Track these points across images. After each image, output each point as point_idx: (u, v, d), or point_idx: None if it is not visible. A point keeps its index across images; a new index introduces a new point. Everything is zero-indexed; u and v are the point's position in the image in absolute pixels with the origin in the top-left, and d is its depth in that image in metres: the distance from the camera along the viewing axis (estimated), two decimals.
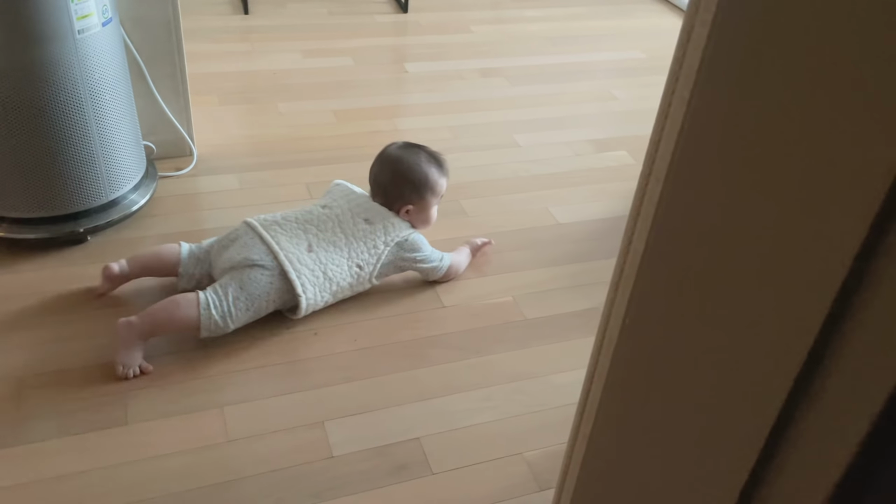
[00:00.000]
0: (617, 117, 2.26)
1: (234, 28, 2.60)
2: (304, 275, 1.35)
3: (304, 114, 2.11)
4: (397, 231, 1.44)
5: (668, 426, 0.54)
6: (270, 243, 1.35)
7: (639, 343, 0.56)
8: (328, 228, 1.41)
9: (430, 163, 1.49)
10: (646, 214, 0.56)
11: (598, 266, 1.64)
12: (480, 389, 1.31)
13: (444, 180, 1.51)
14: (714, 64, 0.43)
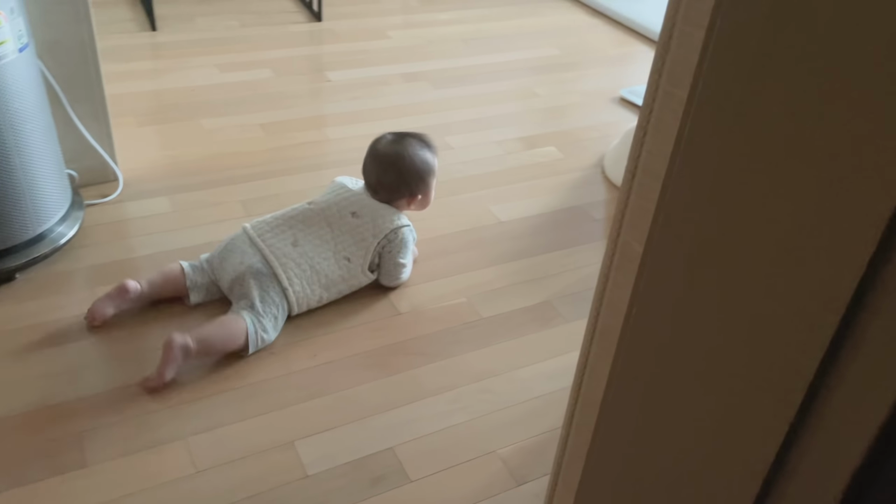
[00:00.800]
0: (541, 114, 2.31)
1: (142, 46, 2.50)
2: (290, 268, 1.38)
3: (229, 129, 2.05)
4: (387, 223, 1.46)
5: (682, 416, 0.56)
6: (259, 244, 1.39)
7: (646, 336, 0.58)
8: (314, 223, 1.44)
9: (423, 148, 1.52)
10: (638, 208, 0.58)
11: (542, 260, 1.67)
12: (447, 392, 1.32)
13: (436, 159, 1.56)
14: (718, 60, 0.45)
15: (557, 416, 1.29)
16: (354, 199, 1.48)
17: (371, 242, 1.45)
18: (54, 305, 1.41)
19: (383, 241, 1.46)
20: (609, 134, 2.21)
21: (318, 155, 1.98)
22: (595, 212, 1.86)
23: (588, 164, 2.06)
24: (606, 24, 3.07)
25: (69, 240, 1.53)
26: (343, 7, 2.99)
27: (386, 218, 1.47)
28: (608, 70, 2.66)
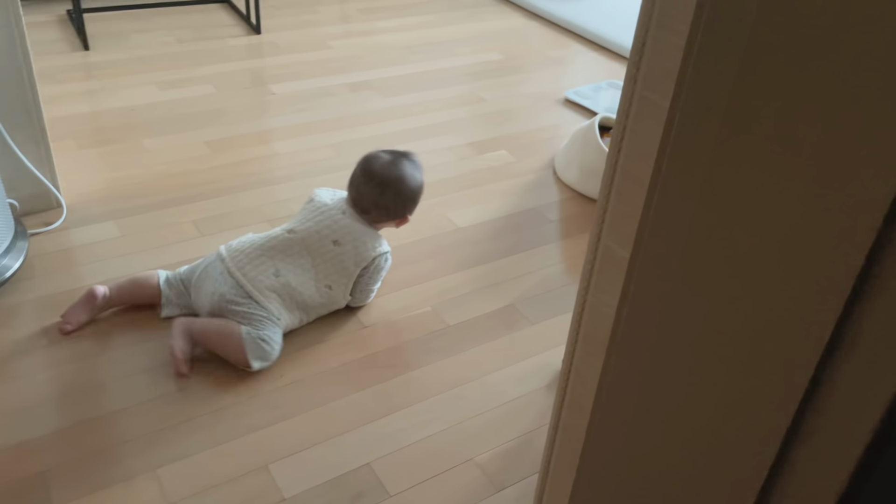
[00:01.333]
0: (489, 118, 2.33)
1: (76, 66, 2.42)
2: (273, 300, 1.36)
3: (174, 148, 2.00)
4: (369, 251, 1.45)
5: (678, 418, 0.57)
6: (239, 277, 1.35)
7: (639, 339, 0.59)
8: (294, 252, 1.41)
9: (417, 169, 1.52)
10: (619, 213, 0.59)
11: (503, 264, 1.68)
12: (420, 403, 1.31)
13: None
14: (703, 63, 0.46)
15: (531, 419, 1.30)
16: (336, 227, 1.43)
17: (353, 270, 1.44)
18: (4, 341, 1.35)
19: (363, 271, 1.45)
20: (557, 135, 2.24)
21: (268, 170, 1.95)
22: (550, 213, 1.88)
23: (539, 166, 2.08)
24: (544, 26, 3.11)
25: (14, 272, 1.47)
26: (281, 18, 2.95)
27: (367, 245, 1.45)
28: (551, 72, 2.70)
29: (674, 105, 0.48)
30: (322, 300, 1.42)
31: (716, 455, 0.56)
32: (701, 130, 0.46)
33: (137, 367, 1.33)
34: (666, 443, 0.61)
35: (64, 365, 1.32)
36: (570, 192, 1.96)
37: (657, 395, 0.59)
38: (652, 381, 0.59)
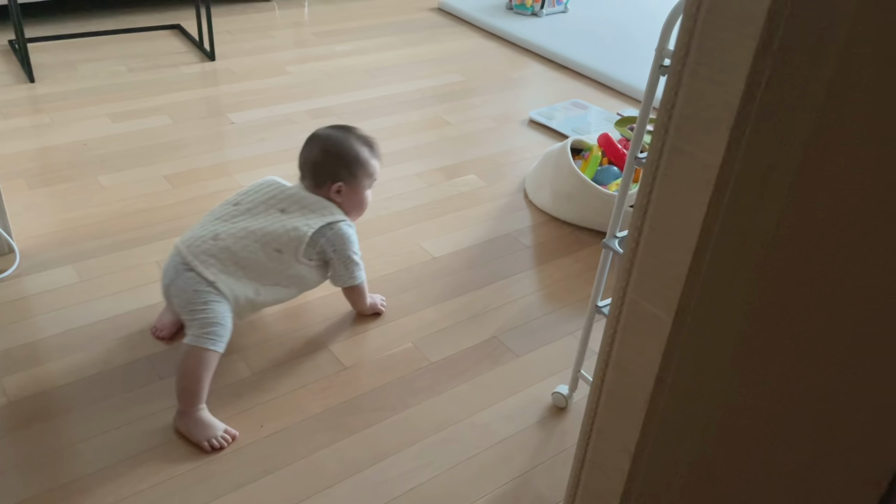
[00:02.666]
0: (455, 142, 2.30)
1: (21, 100, 2.31)
2: (212, 267, 1.30)
3: (131, 184, 1.91)
4: (317, 218, 1.38)
5: None
6: (181, 249, 1.32)
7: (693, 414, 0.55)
8: (238, 220, 1.36)
9: (361, 143, 1.46)
10: (649, 266, 0.55)
11: (482, 294, 1.64)
12: (409, 448, 1.26)
13: (376, 162, 1.48)
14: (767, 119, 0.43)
15: (525, 459, 1.26)
16: (283, 196, 1.40)
17: (303, 231, 1.35)
18: None
19: (317, 235, 1.37)
20: (526, 157, 2.22)
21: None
22: (524, 238, 1.86)
23: (510, 190, 2.06)
24: (503, 46, 3.10)
25: None
26: (235, 44, 2.88)
27: (317, 211, 1.39)
28: (512, 93, 2.68)
29: (727, 164, 0.45)
30: (273, 265, 1.34)
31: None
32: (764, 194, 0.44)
33: (109, 425, 1.24)
34: None
35: (26, 428, 1.23)
36: (544, 216, 1.94)
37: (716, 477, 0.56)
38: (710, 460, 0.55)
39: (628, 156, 1.07)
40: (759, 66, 0.42)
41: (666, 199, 0.54)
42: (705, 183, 0.47)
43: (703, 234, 0.48)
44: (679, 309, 0.52)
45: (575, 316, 1.60)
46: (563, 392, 1.35)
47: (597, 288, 1.21)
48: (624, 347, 0.62)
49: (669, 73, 0.52)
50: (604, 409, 0.67)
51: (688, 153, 0.51)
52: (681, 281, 0.51)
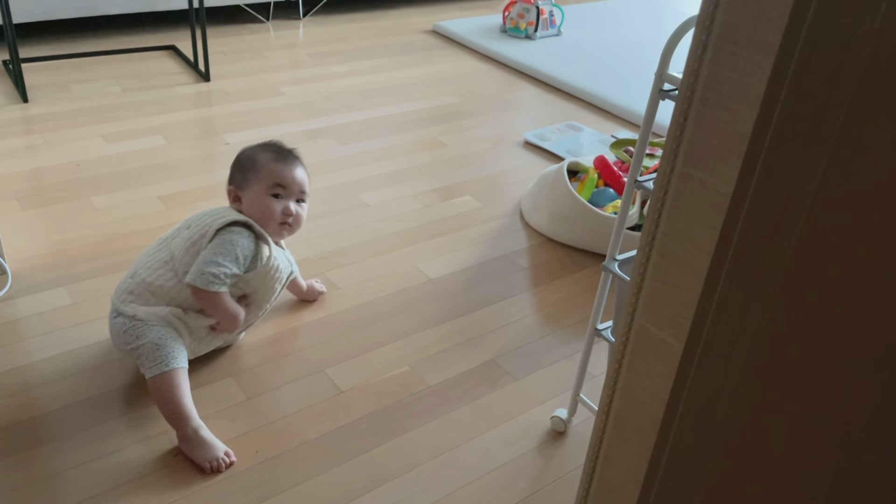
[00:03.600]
0: (451, 163, 2.30)
1: (14, 120, 2.29)
2: (130, 304, 1.30)
3: (125, 206, 1.90)
4: (215, 222, 1.32)
5: None
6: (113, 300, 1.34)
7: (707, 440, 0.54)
8: (155, 253, 1.36)
9: (263, 149, 1.41)
10: (658, 290, 0.55)
11: (479, 317, 1.63)
12: (407, 474, 1.24)
13: (278, 166, 1.37)
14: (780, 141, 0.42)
15: (525, 484, 1.24)
16: (197, 215, 1.38)
17: (200, 244, 1.30)
18: None
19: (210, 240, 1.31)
20: (521, 179, 2.23)
21: None
22: (521, 260, 1.85)
23: (506, 212, 2.06)
24: (497, 68, 3.12)
25: None
26: (230, 65, 2.88)
27: (216, 218, 1.33)
28: (507, 114, 2.69)
29: (743, 183, 0.44)
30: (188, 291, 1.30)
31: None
32: (781, 220, 0.43)
33: (100, 451, 1.22)
34: None
35: (15, 454, 1.20)
36: (540, 238, 1.94)
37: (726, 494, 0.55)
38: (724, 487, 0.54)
39: (628, 178, 1.07)
40: (773, 93, 0.41)
41: (675, 224, 0.54)
42: (717, 209, 0.47)
43: (716, 261, 0.47)
44: (691, 336, 0.51)
45: (573, 338, 1.59)
46: (562, 416, 1.34)
47: (596, 310, 1.20)
48: (632, 374, 0.61)
49: (678, 99, 0.52)
50: (610, 436, 0.66)
51: (698, 179, 0.51)
52: (692, 307, 0.50)
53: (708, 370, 0.52)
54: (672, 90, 0.94)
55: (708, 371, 0.52)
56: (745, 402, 0.51)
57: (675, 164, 0.53)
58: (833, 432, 0.47)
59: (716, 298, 0.49)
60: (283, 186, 1.37)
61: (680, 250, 0.53)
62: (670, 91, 0.95)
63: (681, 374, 0.53)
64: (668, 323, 0.56)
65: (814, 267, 0.44)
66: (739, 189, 0.45)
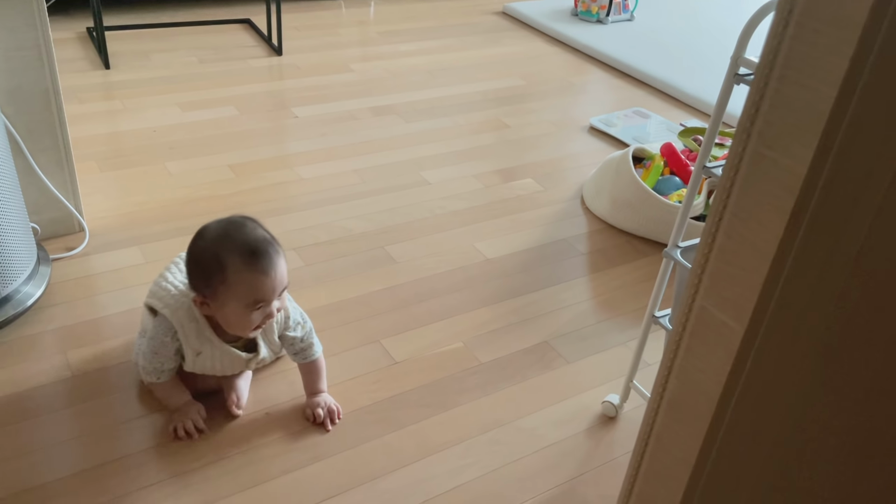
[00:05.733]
0: (514, 145, 2.29)
1: (97, 86, 2.39)
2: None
3: (197, 172, 1.97)
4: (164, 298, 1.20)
5: None
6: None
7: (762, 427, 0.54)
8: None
9: (232, 247, 1.11)
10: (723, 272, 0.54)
11: (534, 298, 1.63)
12: (455, 446, 1.26)
13: (255, 279, 1.10)
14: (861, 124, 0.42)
15: (572, 466, 1.24)
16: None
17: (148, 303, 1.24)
18: (25, 374, 1.30)
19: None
20: (584, 164, 2.21)
21: (293, 196, 1.91)
22: (580, 245, 1.84)
23: (567, 196, 2.04)
24: (566, 51, 3.08)
25: (36, 300, 1.42)
26: (302, 40, 2.93)
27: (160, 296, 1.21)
28: (573, 98, 2.66)
29: (815, 167, 0.44)
30: None
31: None
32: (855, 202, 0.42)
33: (160, 405, 1.28)
34: None
35: (88, 401, 1.27)
36: (600, 224, 1.92)
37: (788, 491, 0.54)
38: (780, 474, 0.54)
39: (696, 164, 1.05)
40: (855, 72, 0.40)
41: (744, 205, 0.53)
42: (788, 190, 0.46)
43: (784, 243, 0.47)
44: (753, 319, 0.51)
45: (629, 326, 1.57)
46: (613, 401, 1.34)
47: (655, 297, 1.19)
48: (690, 355, 0.61)
49: (756, 76, 0.51)
50: (664, 416, 0.66)
51: (770, 159, 0.50)
52: (756, 290, 0.49)
53: (769, 353, 0.52)
54: (748, 74, 0.92)
55: (769, 354, 0.52)
56: (807, 385, 0.51)
57: (748, 144, 0.53)
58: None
59: (781, 281, 0.48)
60: (262, 300, 1.13)
61: (747, 232, 0.53)
62: (746, 76, 0.93)
63: (740, 357, 0.53)
64: (731, 305, 0.56)
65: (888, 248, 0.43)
66: (813, 170, 0.44)
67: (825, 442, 0.50)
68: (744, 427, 0.57)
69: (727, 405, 0.55)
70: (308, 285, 1.59)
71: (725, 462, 0.59)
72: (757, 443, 0.57)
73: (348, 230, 1.79)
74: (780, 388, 0.54)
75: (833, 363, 0.51)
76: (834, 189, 0.44)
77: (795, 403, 0.54)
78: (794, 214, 0.46)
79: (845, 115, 0.42)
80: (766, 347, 0.52)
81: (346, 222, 1.82)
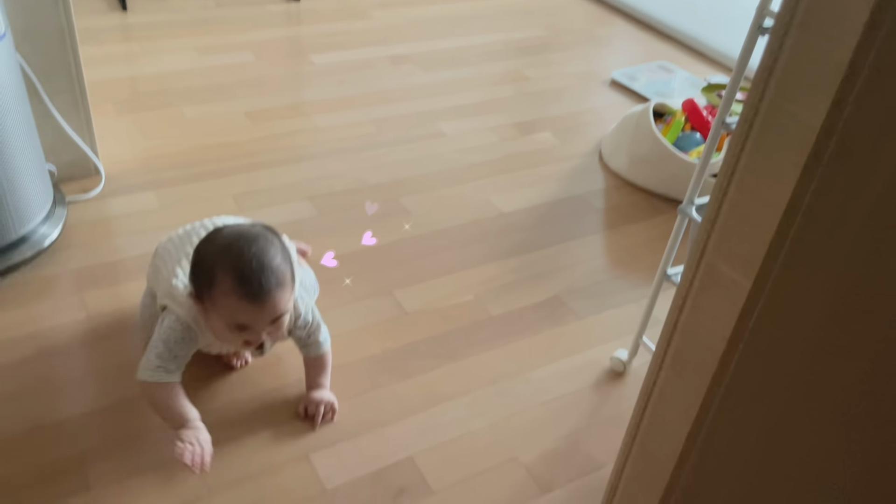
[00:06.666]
0: (533, 98, 2.25)
1: (113, 28, 2.37)
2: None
3: (213, 118, 1.96)
4: (165, 290, 1.14)
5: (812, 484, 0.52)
6: None
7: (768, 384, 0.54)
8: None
9: (226, 266, 1.02)
10: (733, 228, 0.53)
11: (548, 253, 1.63)
12: (463, 396, 1.27)
13: (240, 306, 1.02)
14: None
15: (578, 419, 1.25)
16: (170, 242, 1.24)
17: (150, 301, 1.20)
18: (42, 313, 1.33)
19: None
20: (604, 118, 2.17)
21: (308, 145, 1.91)
22: (596, 201, 1.82)
23: (585, 151, 2.02)
24: (590, 1, 3.01)
25: (53, 241, 1.44)
26: None
27: (164, 293, 1.14)
28: (596, 51, 2.61)
29: (832, 119, 0.42)
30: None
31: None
32: (875, 158, 0.41)
33: None
34: None
35: (104, 341, 1.29)
36: (618, 180, 1.90)
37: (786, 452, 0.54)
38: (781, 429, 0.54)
39: (715, 119, 1.03)
40: (877, 20, 0.39)
41: (758, 158, 0.52)
42: (803, 143, 0.45)
43: (795, 198, 0.46)
44: (760, 274, 0.50)
45: (642, 283, 1.57)
46: (622, 357, 1.34)
47: (668, 254, 1.18)
48: (696, 311, 0.61)
49: (775, 26, 0.49)
50: (667, 370, 0.66)
51: (787, 111, 0.49)
52: (764, 245, 0.49)
53: (775, 311, 0.51)
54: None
55: (775, 312, 0.51)
56: (813, 344, 0.50)
57: (764, 96, 0.51)
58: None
59: (790, 237, 0.47)
60: (247, 327, 1.06)
61: (760, 186, 0.51)
62: (770, 28, 0.90)
63: (745, 314, 0.52)
64: (739, 261, 0.55)
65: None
66: (829, 122, 0.43)
67: (828, 401, 0.50)
68: (746, 384, 0.56)
69: (730, 361, 0.55)
70: (321, 234, 1.59)
71: (726, 418, 0.59)
72: (758, 400, 0.57)
73: (363, 180, 1.78)
74: (784, 347, 0.53)
75: (839, 324, 0.50)
76: (849, 144, 0.43)
77: (799, 363, 0.53)
78: (807, 168, 0.45)
79: (864, 67, 0.40)
80: (772, 305, 0.51)
81: (360, 172, 1.81)
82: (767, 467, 0.64)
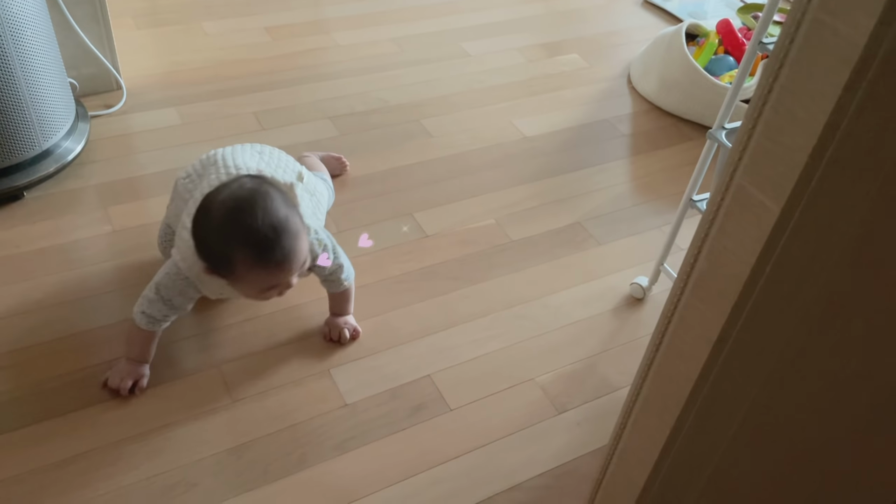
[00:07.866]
0: (561, 17, 2.18)
1: None
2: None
3: (233, 33, 1.92)
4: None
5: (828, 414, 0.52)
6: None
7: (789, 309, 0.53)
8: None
9: (238, 239, 0.97)
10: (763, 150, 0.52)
11: (571, 179, 1.61)
12: (481, 318, 1.29)
13: (262, 274, 1.00)
14: None
15: (595, 343, 1.27)
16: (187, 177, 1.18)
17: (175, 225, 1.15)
18: (68, 226, 1.35)
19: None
20: (634, 40, 2.10)
21: (329, 63, 1.87)
22: (622, 126, 1.78)
23: (613, 74, 1.96)
24: None
25: (76, 156, 1.44)
26: None
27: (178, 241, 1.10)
28: None
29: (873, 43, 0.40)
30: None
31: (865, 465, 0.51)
32: None
33: None
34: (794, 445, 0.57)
35: (129, 254, 1.31)
36: (646, 104, 1.85)
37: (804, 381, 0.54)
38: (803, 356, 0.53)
39: (751, 41, 0.99)
40: None
41: (796, 77, 0.50)
42: (845, 62, 0.43)
43: (833, 120, 0.44)
44: (790, 200, 0.49)
45: (665, 210, 1.55)
46: (642, 283, 1.34)
47: (695, 180, 1.16)
48: (722, 235, 0.60)
49: None
50: (689, 295, 0.66)
51: (830, 26, 0.46)
52: (797, 169, 0.47)
53: (802, 238, 0.50)
54: None
55: (802, 239, 0.50)
56: (838, 274, 0.49)
57: (808, 9, 0.49)
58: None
59: (825, 161, 0.46)
60: (276, 285, 1.05)
61: (797, 106, 0.50)
62: None
63: (772, 240, 0.51)
64: (770, 184, 0.53)
65: None
66: (873, 41, 0.40)
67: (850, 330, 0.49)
68: (768, 311, 0.56)
69: (753, 288, 0.54)
70: (342, 155, 1.58)
71: (745, 344, 0.59)
72: (779, 327, 0.57)
73: (384, 101, 1.76)
74: (808, 274, 0.52)
75: (867, 253, 0.49)
76: (893, 64, 0.41)
77: (822, 291, 0.52)
78: (848, 88, 0.43)
79: None
80: (799, 231, 0.50)
81: (382, 93, 1.78)
82: (784, 393, 0.64)
